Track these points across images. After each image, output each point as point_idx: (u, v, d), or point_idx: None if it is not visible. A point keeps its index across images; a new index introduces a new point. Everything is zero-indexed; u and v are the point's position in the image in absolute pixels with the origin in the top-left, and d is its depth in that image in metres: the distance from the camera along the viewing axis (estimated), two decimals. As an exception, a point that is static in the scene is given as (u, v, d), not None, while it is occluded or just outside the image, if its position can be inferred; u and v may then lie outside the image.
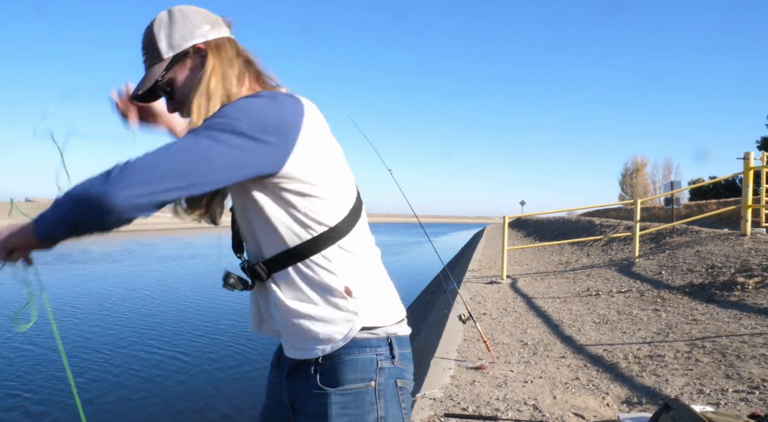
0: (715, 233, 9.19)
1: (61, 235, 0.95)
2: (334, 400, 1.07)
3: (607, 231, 13.86)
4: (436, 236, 53.46)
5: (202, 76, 1.11)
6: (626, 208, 24.30)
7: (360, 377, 1.09)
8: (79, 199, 0.90)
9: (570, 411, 3.08)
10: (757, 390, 3.15)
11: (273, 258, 1.09)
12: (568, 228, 19.22)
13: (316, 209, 1.07)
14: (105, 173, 0.91)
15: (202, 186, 0.95)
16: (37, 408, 5.24)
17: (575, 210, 21.25)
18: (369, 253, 1.17)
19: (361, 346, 1.11)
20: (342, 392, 1.08)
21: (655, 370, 3.71)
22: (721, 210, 10.72)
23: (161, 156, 0.93)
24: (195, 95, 1.10)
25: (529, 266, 10.98)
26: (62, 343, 1.24)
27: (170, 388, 6.01)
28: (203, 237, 39.18)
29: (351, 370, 1.09)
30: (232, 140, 0.95)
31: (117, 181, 0.88)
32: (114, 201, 0.88)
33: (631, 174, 46.38)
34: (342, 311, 1.08)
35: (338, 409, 1.07)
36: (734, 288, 5.85)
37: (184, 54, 1.14)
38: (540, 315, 5.96)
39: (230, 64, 1.14)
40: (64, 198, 0.93)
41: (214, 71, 1.11)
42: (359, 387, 1.09)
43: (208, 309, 10.53)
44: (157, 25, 1.13)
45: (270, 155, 0.99)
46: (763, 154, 9.81)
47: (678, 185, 11.92)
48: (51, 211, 0.94)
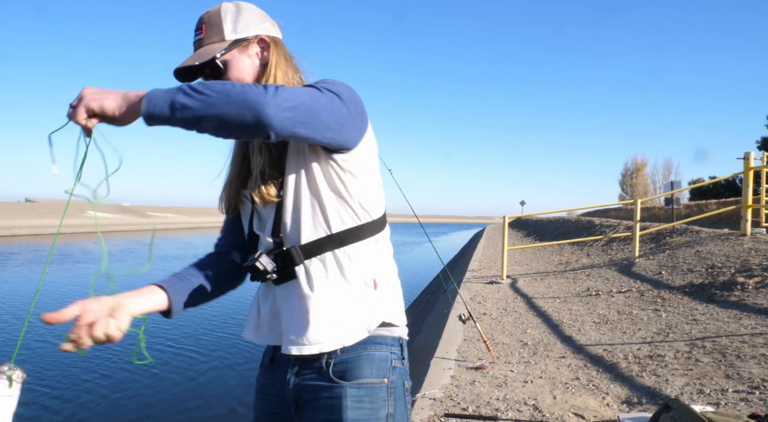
0: (715, 233, 9.19)
1: (178, 118, 0.93)
2: (349, 393, 1.08)
3: (607, 231, 13.86)
4: (436, 236, 53.47)
5: (268, 67, 1.18)
6: (626, 207, 24.30)
7: (376, 372, 1.11)
8: (234, 97, 0.92)
9: (570, 411, 3.08)
10: (757, 390, 3.15)
11: (312, 242, 1.10)
12: (568, 228, 19.22)
13: (366, 196, 1.13)
14: (261, 87, 0.95)
15: (317, 133, 1.01)
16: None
17: (575, 210, 21.26)
18: (391, 251, 1.23)
19: (377, 343, 1.13)
20: (357, 386, 1.09)
21: (655, 370, 3.71)
22: (721, 210, 10.72)
23: (303, 93, 0.99)
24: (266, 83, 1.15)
25: (529, 266, 10.98)
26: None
27: (180, 384, 6.10)
28: (203, 237, 39.21)
29: (367, 365, 1.11)
30: (341, 105, 1.03)
31: (274, 96, 0.93)
32: (267, 109, 0.92)
33: (631, 174, 46.37)
34: (368, 303, 1.11)
35: (353, 402, 1.08)
36: (734, 288, 5.85)
37: (246, 41, 1.17)
38: (540, 315, 5.96)
39: (287, 61, 1.21)
40: (206, 90, 0.93)
41: (278, 64, 1.18)
42: (374, 383, 1.10)
43: (213, 307, 10.57)
44: (224, 10, 1.17)
45: (355, 129, 1.08)
46: (763, 154, 9.81)
47: (678, 185, 11.92)
48: (180, 93, 0.93)
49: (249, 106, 0.92)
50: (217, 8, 1.18)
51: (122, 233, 40.32)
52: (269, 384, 1.21)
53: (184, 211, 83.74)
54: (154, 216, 62.44)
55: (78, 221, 43.52)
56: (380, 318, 1.13)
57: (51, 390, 5.70)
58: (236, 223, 1.27)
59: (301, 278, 1.10)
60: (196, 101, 0.92)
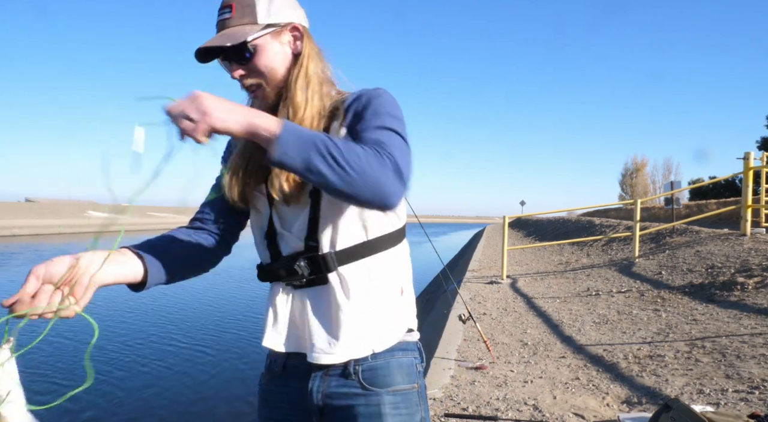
0: (715, 233, 9.19)
1: (307, 178, 0.88)
2: (387, 400, 1.08)
3: (607, 231, 13.86)
4: (436, 236, 53.44)
5: (300, 58, 1.11)
6: (626, 207, 24.30)
7: (407, 378, 1.11)
8: (370, 180, 0.88)
9: (570, 411, 3.08)
10: (757, 390, 3.15)
11: (348, 249, 1.07)
12: (568, 228, 19.22)
13: (401, 204, 1.12)
14: (395, 169, 0.90)
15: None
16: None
17: (575, 210, 21.23)
18: (409, 258, 1.22)
19: (404, 349, 1.14)
20: (393, 392, 1.09)
21: (655, 370, 3.71)
22: (721, 210, 10.71)
23: (403, 153, 0.95)
24: (298, 75, 1.09)
25: (529, 266, 10.98)
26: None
27: (204, 383, 6.16)
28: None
29: (398, 371, 1.10)
30: (405, 144, 0.99)
31: (401, 182, 0.91)
32: (395, 199, 0.91)
33: (631, 174, 46.38)
34: (396, 310, 1.11)
35: (391, 409, 1.08)
36: (734, 288, 5.85)
37: (278, 27, 1.10)
38: (540, 315, 5.96)
39: (318, 54, 1.15)
40: (346, 164, 0.87)
41: (311, 57, 1.12)
42: (407, 389, 1.11)
43: (230, 304, 10.70)
44: None
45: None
46: (763, 154, 9.81)
47: (678, 185, 11.92)
48: (317, 155, 0.86)
49: (381, 194, 0.89)
50: None
51: (124, 233, 40.18)
52: (279, 392, 1.16)
53: (184, 211, 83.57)
54: (155, 216, 62.41)
55: (78, 221, 43.51)
56: (407, 325, 1.13)
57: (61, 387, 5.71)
58: (226, 206, 1.17)
59: (335, 285, 1.06)
60: (334, 173, 0.86)
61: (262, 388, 1.21)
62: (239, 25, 1.06)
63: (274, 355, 1.18)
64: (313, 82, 1.10)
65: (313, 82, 1.10)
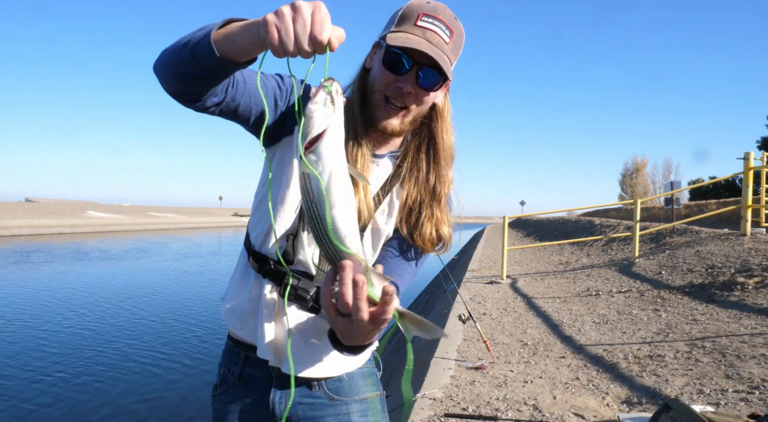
0: (715, 233, 9.19)
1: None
2: (354, 408, 1.11)
3: (607, 231, 13.86)
4: (436, 236, 53.21)
5: (446, 115, 1.12)
6: (626, 207, 24.29)
7: (371, 387, 1.15)
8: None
9: (570, 411, 3.08)
10: (757, 390, 3.15)
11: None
12: (568, 228, 19.22)
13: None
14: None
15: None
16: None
17: (575, 210, 21.22)
18: None
19: (368, 359, 1.18)
20: (360, 400, 1.12)
21: (655, 370, 3.70)
22: (721, 210, 10.71)
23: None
24: (443, 133, 1.11)
25: (529, 266, 10.97)
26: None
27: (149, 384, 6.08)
28: (205, 237, 39.21)
29: (362, 380, 1.14)
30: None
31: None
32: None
33: (631, 174, 46.37)
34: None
35: (359, 416, 1.11)
36: (734, 288, 5.85)
37: (447, 80, 1.05)
38: (540, 315, 5.96)
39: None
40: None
41: (447, 108, 1.14)
42: (372, 396, 1.15)
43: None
44: (462, 38, 1.05)
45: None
46: (763, 154, 9.82)
47: (678, 185, 11.90)
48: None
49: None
50: (462, 30, 1.04)
51: (124, 233, 40.26)
52: (236, 404, 1.13)
53: (184, 210, 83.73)
54: (155, 216, 62.44)
55: (78, 221, 43.51)
56: (377, 343, 1.14)
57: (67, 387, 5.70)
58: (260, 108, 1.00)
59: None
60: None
61: (217, 400, 1.16)
62: (448, 55, 1.00)
63: (230, 364, 1.15)
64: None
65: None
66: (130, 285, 13.25)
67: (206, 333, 8.29)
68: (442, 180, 1.10)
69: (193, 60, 0.82)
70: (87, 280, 13.99)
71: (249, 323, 1.10)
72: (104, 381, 6.05)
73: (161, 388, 5.94)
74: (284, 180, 1.05)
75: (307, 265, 1.06)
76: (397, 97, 1.01)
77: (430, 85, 1.00)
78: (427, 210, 1.09)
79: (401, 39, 0.95)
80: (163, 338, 7.97)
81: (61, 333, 7.94)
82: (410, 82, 0.99)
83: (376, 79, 1.03)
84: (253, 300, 1.09)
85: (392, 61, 0.99)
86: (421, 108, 1.04)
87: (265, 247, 1.09)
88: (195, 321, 9.11)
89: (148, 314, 9.64)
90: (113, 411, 5.30)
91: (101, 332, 8.21)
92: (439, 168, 1.10)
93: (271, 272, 1.07)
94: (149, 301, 10.98)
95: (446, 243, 1.13)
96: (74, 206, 60.76)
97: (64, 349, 7.13)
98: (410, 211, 1.09)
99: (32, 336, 7.70)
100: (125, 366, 6.59)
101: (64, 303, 10.37)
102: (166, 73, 0.87)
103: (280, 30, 0.71)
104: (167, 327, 8.72)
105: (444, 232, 1.12)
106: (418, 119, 1.07)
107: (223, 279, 13.19)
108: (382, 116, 1.03)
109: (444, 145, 1.10)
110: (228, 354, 1.17)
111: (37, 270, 15.73)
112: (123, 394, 5.70)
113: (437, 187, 1.10)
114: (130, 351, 7.22)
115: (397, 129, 1.04)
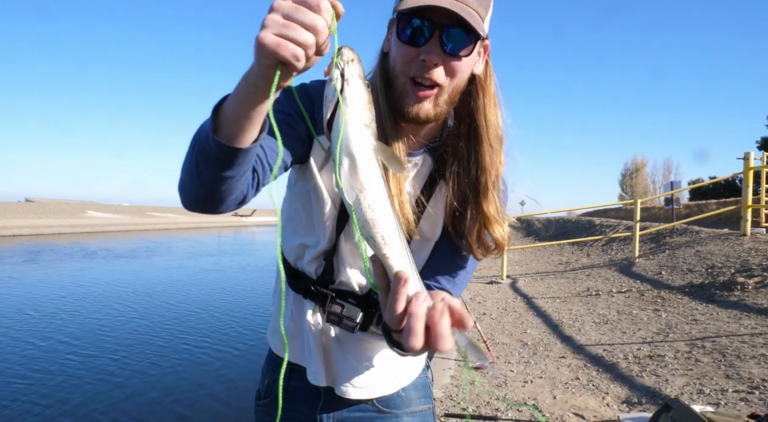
0: (715, 233, 9.19)
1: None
2: (405, 421, 1.08)
3: (607, 231, 13.86)
4: (436, 236, 53.23)
5: (489, 86, 0.92)
6: (626, 207, 24.29)
7: (423, 400, 1.12)
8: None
9: (570, 411, 3.08)
10: (757, 390, 3.15)
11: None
12: (568, 229, 19.22)
13: None
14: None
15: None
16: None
17: (575, 210, 21.21)
18: None
19: (422, 367, 1.15)
20: (411, 413, 1.08)
21: (655, 370, 3.70)
22: (721, 210, 10.71)
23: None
24: (486, 110, 0.91)
25: (529, 266, 10.97)
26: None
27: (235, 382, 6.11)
28: (206, 237, 39.19)
29: (414, 393, 1.10)
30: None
31: None
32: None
33: (631, 174, 46.35)
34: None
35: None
36: (734, 288, 5.85)
37: (482, 40, 0.88)
38: (540, 315, 5.96)
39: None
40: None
41: (490, 75, 0.94)
42: (423, 409, 1.11)
43: (250, 302, 10.70)
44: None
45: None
46: (763, 154, 9.82)
47: (678, 185, 11.90)
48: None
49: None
50: None
51: (125, 233, 40.24)
52: (283, 417, 1.08)
53: (184, 211, 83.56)
54: (155, 216, 62.48)
55: (78, 221, 43.54)
56: (428, 355, 1.14)
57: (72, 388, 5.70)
58: (296, 151, 0.91)
59: (375, 332, 1.00)
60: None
61: (260, 410, 1.14)
62: (474, 8, 0.82)
63: (274, 378, 1.10)
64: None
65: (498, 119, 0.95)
66: (163, 280, 13.14)
67: (249, 326, 8.29)
68: (486, 168, 0.91)
69: (220, 162, 0.69)
70: (116, 277, 13.86)
71: (293, 344, 1.03)
72: (159, 373, 6.06)
73: (210, 381, 5.97)
74: (316, 195, 0.95)
75: (350, 285, 0.98)
76: (424, 73, 0.83)
77: (459, 49, 0.83)
78: (472, 210, 0.91)
79: (413, 1, 0.79)
80: (218, 331, 7.95)
81: (118, 328, 7.90)
82: (434, 51, 0.82)
83: (396, 60, 0.86)
84: (295, 320, 1.03)
85: (408, 30, 0.82)
86: (455, 81, 0.86)
87: (301, 263, 1.01)
88: (238, 317, 9.15)
89: (192, 308, 9.64)
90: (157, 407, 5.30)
91: (151, 326, 8.15)
92: (482, 155, 0.91)
93: (312, 294, 0.99)
94: (187, 296, 10.91)
95: (502, 247, 0.93)
96: (74, 206, 60.78)
97: (120, 342, 7.09)
98: (454, 213, 0.93)
99: (84, 329, 7.67)
100: (179, 360, 6.61)
101: (104, 299, 10.30)
102: (203, 196, 0.75)
103: (281, 30, 0.58)
104: (217, 320, 8.70)
105: (497, 234, 0.91)
106: (455, 97, 0.89)
107: (245, 277, 13.16)
108: (411, 102, 0.86)
109: (488, 125, 0.90)
110: (271, 363, 1.12)
111: (58, 267, 15.64)
112: (173, 390, 5.71)
113: (481, 179, 0.91)
114: (186, 347, 7.19)
115: (432, 113, 0.87)
